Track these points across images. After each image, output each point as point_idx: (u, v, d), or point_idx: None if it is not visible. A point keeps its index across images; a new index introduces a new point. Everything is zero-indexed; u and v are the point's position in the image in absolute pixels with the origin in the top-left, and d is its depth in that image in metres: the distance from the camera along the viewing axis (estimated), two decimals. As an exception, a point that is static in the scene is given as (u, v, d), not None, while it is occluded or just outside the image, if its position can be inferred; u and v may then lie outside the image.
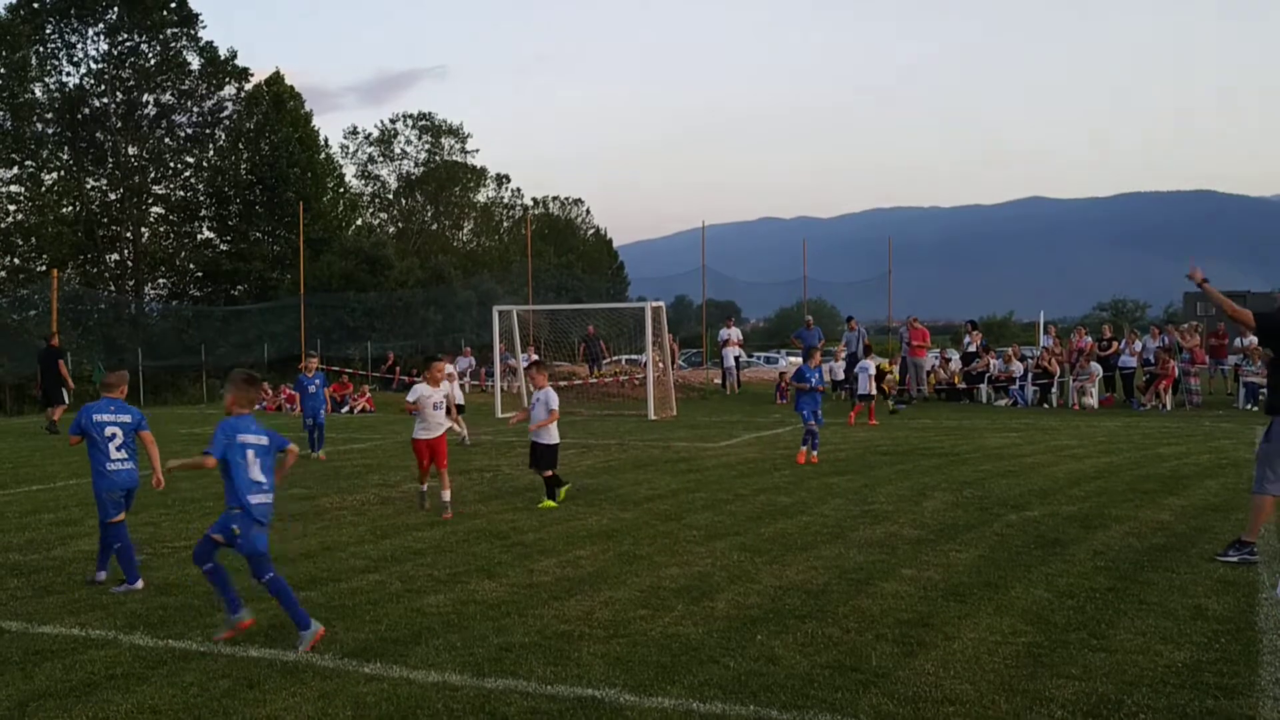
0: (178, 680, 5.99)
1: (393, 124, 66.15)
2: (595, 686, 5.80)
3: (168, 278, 50.79)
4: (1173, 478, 13.26)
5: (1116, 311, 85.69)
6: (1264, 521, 8.71)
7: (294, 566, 8.85)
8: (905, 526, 10.25)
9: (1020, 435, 18.95)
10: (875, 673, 5.96)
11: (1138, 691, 5.60)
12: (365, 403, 28.82)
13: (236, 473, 6.84)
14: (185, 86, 48.35)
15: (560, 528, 10.39)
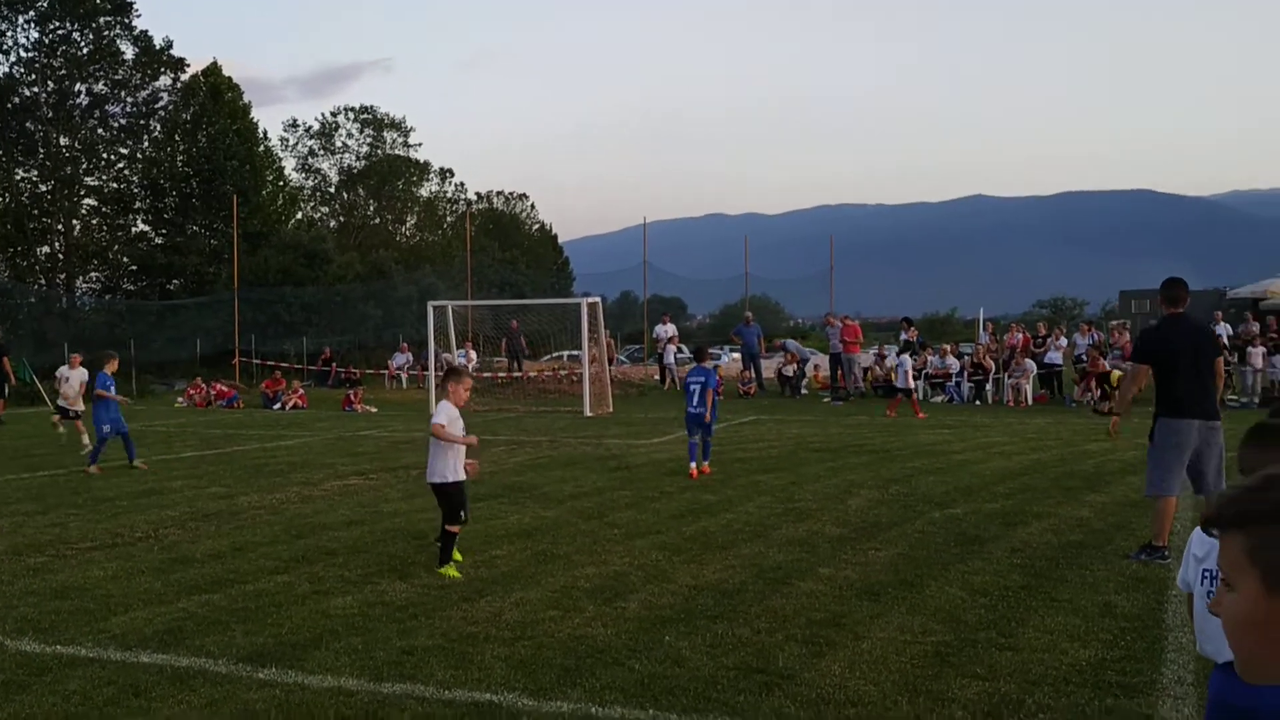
0: (60, 688, 5.77)
1: (334, 117, 65.31)
2: (494, 690, 5.67)
3: (100, 271, 49.69)
4: (1096, 474, 13.36)
5: (1055, 309, 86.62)
6: (1169, 524, 8.67)
7: (200, 567, 8.64)
8: (828, 524, 10.21)
9: (952, 432, 19.04)
10: (781, 674, 5.88)
11: (1039, 690, 5.57)
12: (298, 399, 28.39)
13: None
14: (119, 76, 47.25)
15: (479, 527, 10.22)
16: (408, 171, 67.09)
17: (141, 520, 10.86)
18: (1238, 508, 1.77)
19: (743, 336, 31.89)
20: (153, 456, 16.65)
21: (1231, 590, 1.76)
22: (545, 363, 37.97)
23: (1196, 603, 3.28)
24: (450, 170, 71.39)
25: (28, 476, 14.53)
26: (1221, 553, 1.79)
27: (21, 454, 17.49)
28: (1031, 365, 26.61)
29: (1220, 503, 1.82)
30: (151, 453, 17.23)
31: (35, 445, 19.04)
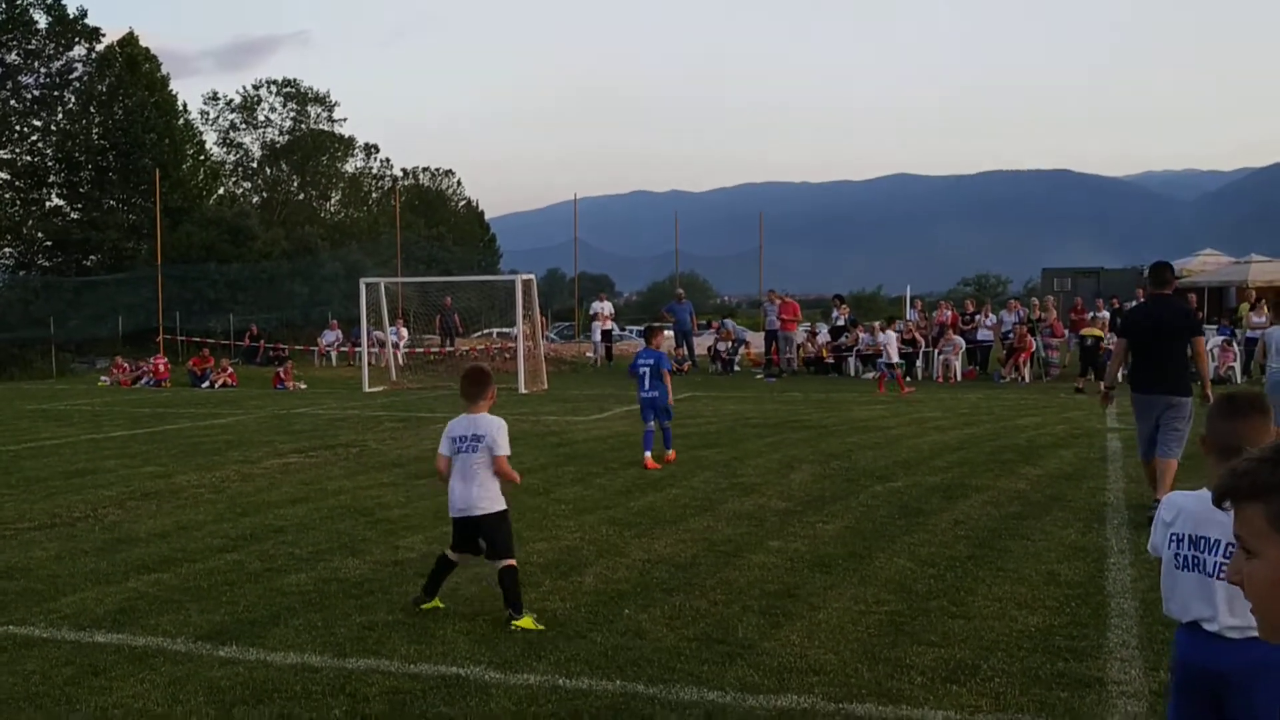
0: (17, 668, 5.70)
1: (256, 90, 64.07)
2: (459, 664, 5.70)
3: (14, 247, 48.31)
4: (1029, 448, 13.68)
5: (979, 286, 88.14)
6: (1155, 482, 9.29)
7: (145, 547, 8.53)
8: (773, 499, 10.35)
9: (886, 408, 19.33)
10: (741, 644, 5.99)
11: (994, 656, 5.74)
12: (227, 377, 27.95)
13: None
14: (32, 46, 45.89)
15: (427, 504, 10.21)
16: (332, 147, 66.06)
17: (78, 500, 10.67)
18: (1253, 479, 1.87)
19: (675, 314, 32.00)
20: (81, 436, 16.33)
21: (1253, 557, 1.86)
22: (475, 339, 37.80)
23: (1165, 564, 3.41)
24: (375, 146, 70.46)
25: (-46, 457, 14.17)
26: (1239, 523, 1.89)
27: (-57, 434, 17.03)
28: (961, 341, 27.08)
29: (1233, 476, 1.92)
30: (80, 432, 16.90)
31: (-43, 425, 18.55)
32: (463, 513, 6.62)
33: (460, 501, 6.63)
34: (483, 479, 6.60)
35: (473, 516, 6.60)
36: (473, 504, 6.59)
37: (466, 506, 6.61)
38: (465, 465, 6.62)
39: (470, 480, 6.58)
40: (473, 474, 6.59)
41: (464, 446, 6.63)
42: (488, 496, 6.61)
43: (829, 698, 5.19)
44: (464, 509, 6.62)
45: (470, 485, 6.58)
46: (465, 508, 6.61)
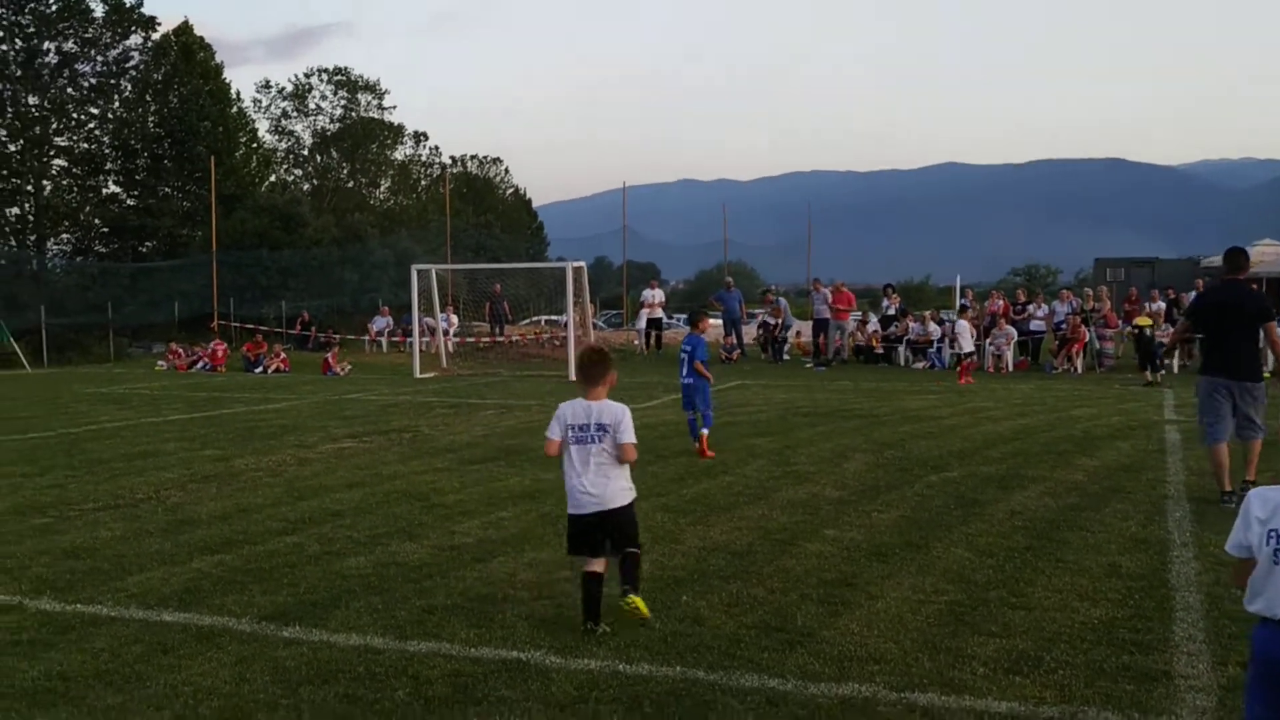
0: (88, 646, 5.80)
1: (307, 78, 64.65)
2: (520, 649, 5.74)
3: (72, 233, 49.13)
4: (1085, 439, 13.52)
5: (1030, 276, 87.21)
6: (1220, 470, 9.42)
7: (207, 528, 8.65)
8: (827, 487, 10.31)
9: (938, 398, 19.20)
10: (801, 632, 5.98)
11: (1056, 648, 5.69)
12: (280, 363, 28.28)
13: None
14: (89, 34, 46.56)
15: (481, 489, 10.28)
16: (381, 134, 66.51)
17: (141, 482, 10.84)
18: None
19: (724, 302, 31.93)
20: (141, 419, 16.60)
21: None
22: (524, 327, 37.95)
23: (1263, 561, 3.35)
24: (424, 134, 70.87)
25: (18, 438, 14.44)
26: None
27: (6, 416, 17.36)
28: (1013, 331, 26.82)
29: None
30: (139, 415, 17.18)
31: (20, 407, 18.91)
32: (598, 508, 6.06)
33: (593, 496, 6.06)
34: (613, 471, 6.10)
35: (609, 510, 6.06)
36: (609, 498, 6.07)
37: (602, 501, 6.06)
38: (588, 456, 6.06)
39: (599, 472, 6.06)
40: (601, 466, 6.07)
41: (586, 436, 6.08)
42: (624, 488, 6.16)
43: (891, 687, 5.17)
44: (599, 504, 6.06)
45: (601, 478, 6.06)
46: (600, 502, 6.06)
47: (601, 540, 6.08)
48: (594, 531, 6.07)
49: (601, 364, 6.30)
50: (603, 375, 6.26)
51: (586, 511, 6.06)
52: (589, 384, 6.27)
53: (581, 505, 6.07)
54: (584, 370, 6.36)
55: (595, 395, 6.20)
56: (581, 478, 6.06)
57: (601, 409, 6.14)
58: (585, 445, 6.06)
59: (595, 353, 6.49)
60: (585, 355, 6.48)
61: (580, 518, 6.10)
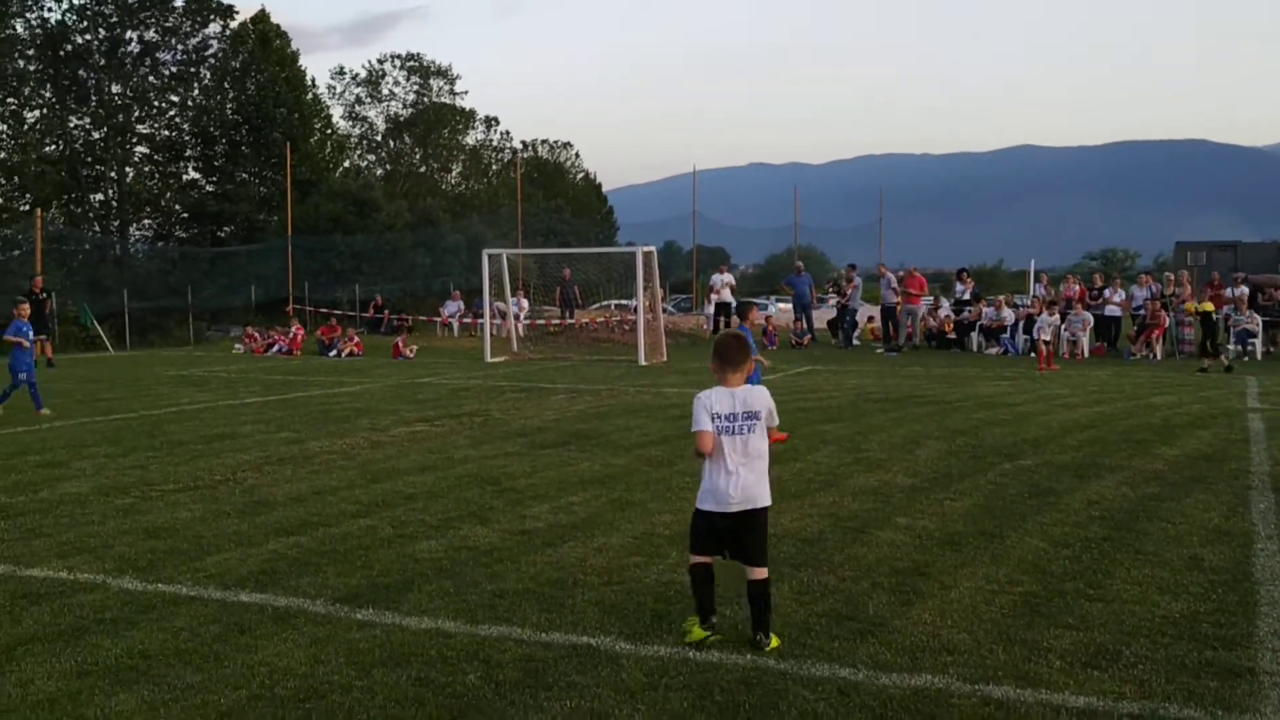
0: (168, 625, 5.92)
1: (380, 65, 65.32)
2: (590, 634, 5.75)
3: (153, 218, 50.22)
4: (1165, 427, 13.24)
5: (1107, 260, 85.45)
6: None
7: (283, 510, 8.79)
8: (899, 474, 10.21)
9: (1011, 384, 18.92)
10: (872, 622, 5.92)
11: (1136, 642, 5.57)
12: (354, 346, 28.65)
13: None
14: (169, 24, 47.48)
15: (552, 474, 10.33)
16: (453, 119, 66.99)
17: (218, 464, 11.05)
18: None
19: (794, 286, 31.77)
20: (219, 402, 16.92)
21: None
22: (594, 311, 38.05)
23: None
24: (495, 118, 71.25)
25: (101, 420, 14.80)
26: None
27: (90, 398, 17.80)
28: (1089, 317, 26.32)
29: None
30: (217, 397, 17.52)
31: (103, 389, 19.37)
32: (743, 505, 5.59)
33: (739, 492, 5.58)
34: (761, 464, 5.69)
35: (754, 510, 5.63)
36: (756, 495, 5.63)
37: (748, 498, 5.60)
38: (739, 448, 5.62)
39: (750, 467, 5.63)
40: (752, 459, 5.64)
41: (735, 426, 5.63)
42: (767, 485, 5.72)
43: (964, 679, 5.09)
44: (745, 501, 5.60)
45: (752, 473, 5.62)
46: (746, 500, 5.60)
47: (731, 541, 5.63)
48: (731, 529, 5.61)
49: (743, 349, 5.87)
50: (744, 360, 5.84)
51: (730, 510, 5.58)
52: (730, 369, 5.78)
53: (725, 502, 5.59)
54: (724, 355, 5.83)
55: (736, 382, 5.76)
56: (726, 472, 5.59)
57: (747, 395, 5.72)
58: (736, 436, 5.62)
59: (735, 337, 6.03)
60: (726, 340, 5.98)
61: (719, 515, 5.61)
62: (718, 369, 5.82)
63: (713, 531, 5.67)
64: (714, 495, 5.62)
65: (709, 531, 5.69)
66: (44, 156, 44.17)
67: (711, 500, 5.63)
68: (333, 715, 4.71)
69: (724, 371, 5.78)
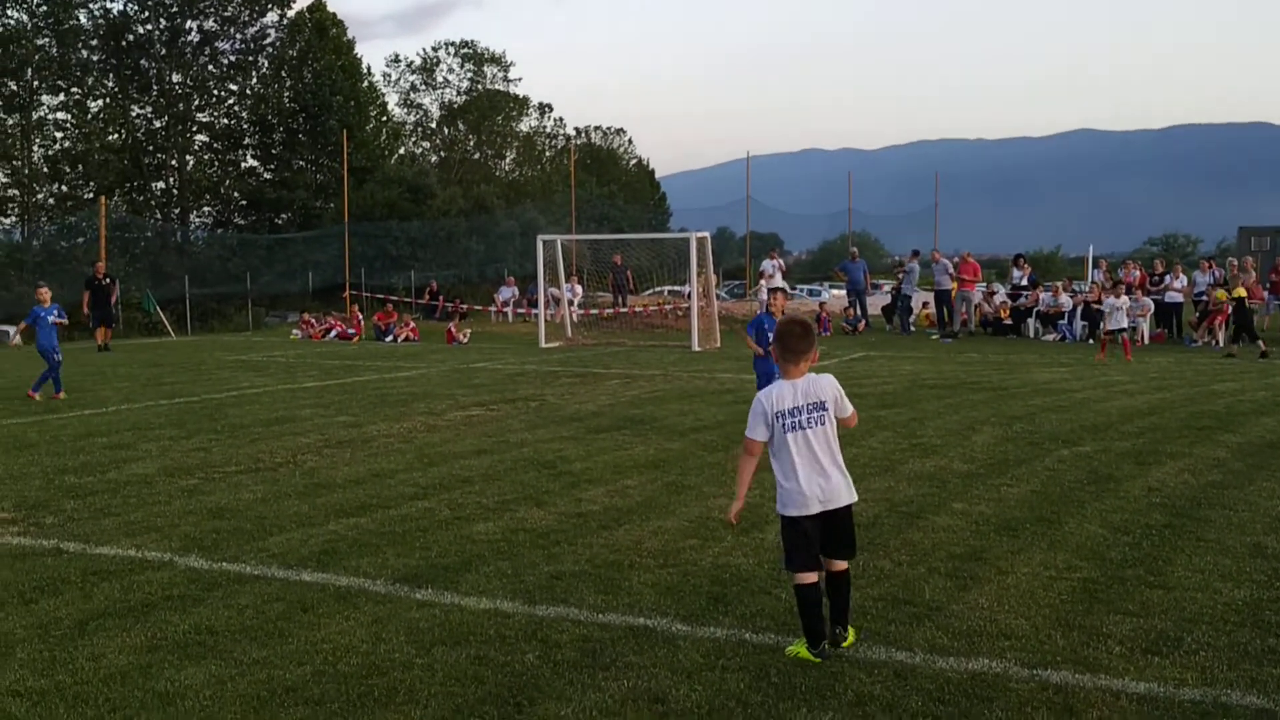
0: (233, 603, 6.05)
1: (435, 52, 65.75)
2: (647, 615, 5.79)
3: (213, 206, 50.95)
4: (1228, 415, 13.03)
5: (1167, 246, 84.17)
6: None
7: (343, 492, 8.92)
8: (955, 460, 10.15)
9: (1069, 370, 18.71)
10: (929, 606, 5.91)
11: (1197, 629, 5.52)
12: (410, 332, 28.92)
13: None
14: (228, 13, 48.06)
15: (607, 458, 10.39)
16: (507, 106, 67.25)
17: (279, 446, 11.23)
18: None
19: (849, 273, 31.59)
20: (278, 386, 17.17)
21: None
22: (647, 297, 38.08)
23: None
24: (549, 105, 71.45)
25: (165, 403, 15.07)
26: None
27: (154, 382, 18.13)
28: (1149, 303, 25.93)
29: None
30: (276, 382, 17.78)
31: (166, 373, 19.72)
32: (826, 505, 5.21)
33: (821, 492, 5.20)
34: (838, 458, 5.28)
35: (838, 509, 5.25)
36: (838, 492, 5.24)
37: (831, 497, 5.22)
38: (810, 444, 5.22)
39: (827, 462, 5.23)
40: (826, 454, 5.24)
41: (803, 420, 5.22)
42: (847, 479, 5.30)
43: (1022, 663, 5.08)
44: (828, 499, 5.22)
45: (828, 469, 5.22)
46: (829, 498, 5.22)
47: (823, 545, 5.27)
48: (818, 531, 5.24)
49: (807, 336, 5.32)
50: (809, 349, 5.31)
51: (813, 511, 5.20)
52: (793, 359, 5.30)
53: (805, 505, 5.20)
54: (787, 344, 5.32)
55: (799, 373, 5.30)
56: (803, 473, 5.20)
57: (811, 385, 5.28)
58: (803, 431, 5.22)
59: (799, 324, 5.43)
60: (788, 327, 5.41)
61: (806, 520, 5.22)
62: (779, 358, 5.38)
63: (805, 540, 5.23)
64: (792, 499, 5.24)
65: (800, 540, 5.24)
66: (107, 145, 44.92)
67: (793, 504, 5.24)
68: (394, 691, 4.80)
69: (785, 362, 5.33)
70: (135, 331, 32.70)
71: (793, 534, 5.27)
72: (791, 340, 5.32)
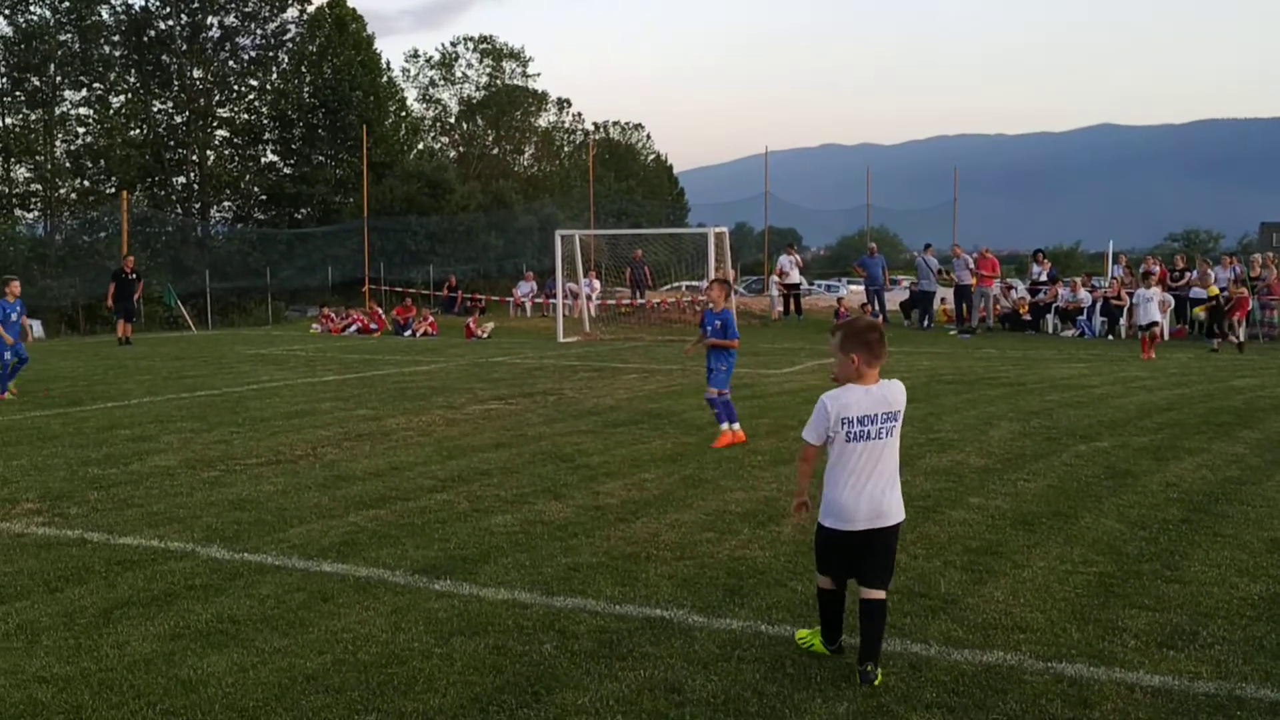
0: (254, 592, 6.12)
1: (454, 47, 65.93)
2: (663, 607, 5.84)
3: (233, 200, 51.28)
4: (1247, 410, 12.99)
5: (1189, 242, 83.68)
6: None
7: (363, 484, 9.00)
8: (972, 455, 10.16)
9: (1087, 366, 18.67)
10: (944, 599, 5.94)
11: (1213, 623, 5.53)
12: (428, 326, 29.04)
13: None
14: (248, 9, 48.35)
15: (624, 451, 10.43)
16: (526, 102, 67.35)
17: (299, 439, 11.31)
18: None
19: (867, 268, 31.54)
20: (298, 380, 17.28)
21: None
22: (664, 292, 38.12)
23: None
24: (568, 100, 71.54)
25: (186, 396, 15.19)
26: None
27: (176, 375, 18.27)
28: (1170, 299, 25.81)
29: None
30: (296, 375, 17.89)
31: (187, 367, 19.87)
32: (870, 523, 4.86)
33: (871, 508, 4.86)
34: (894, 473, 4.96)
35: (886, 528, 4.91)
36: (890, 509, 4.91)
37: (880, 514, 4.88)
38: (874, 456, 4.88)
39: (884, 475, 4.90)
40: (888, 467, 4.93)
41: (874, 430, 4.87)
42: (899, 495, 4.99)
43: (1037, 656, 5.10)
44: (877, 517, 4.87)
45: (885, 482, 4.90)
46: (878, 515, 4.87)
47: (859, 562, 4.91)
48: (859, 550, 4.89)
49: (882, 340, 4.95)
50: (884, 353, 4.96)
51: (859, 526, 4.85)
52: (876, 359, 4.92)
53: (850, 519, 4.86)
54: (869, 345, 4.90)
55: (874, 378, 4.92)
56: (861, 485, 4.85)
57: (886, 392, 4.92)
58: (873, 441, 4.86)
59: (877, 327, 5.03)
60: (869, 328, 4.98)
61: (850, 534, 4.88)
62: (862, 362, 4.88)
63: (840, 551, 4.95)
64: (838, 511, 4.89)
65: (835, 552, 4.98)
66: (129, 140, 45.23)
67: (834, 516, 4.90)
68: (413, 680, 4.85)
69: (865, 366, 4.90)
70: (156, 325, 32.96)
71: (825, 544, 5.00)
72: (875, 345, 4.90)
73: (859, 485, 4.85)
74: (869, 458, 4.84)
